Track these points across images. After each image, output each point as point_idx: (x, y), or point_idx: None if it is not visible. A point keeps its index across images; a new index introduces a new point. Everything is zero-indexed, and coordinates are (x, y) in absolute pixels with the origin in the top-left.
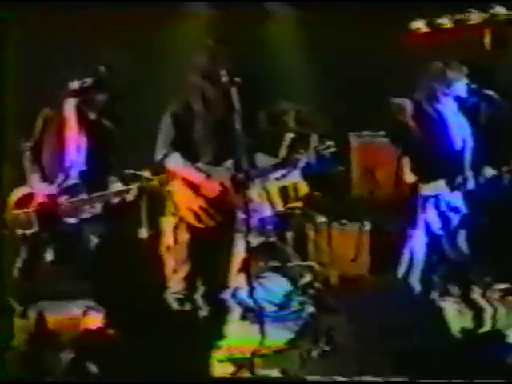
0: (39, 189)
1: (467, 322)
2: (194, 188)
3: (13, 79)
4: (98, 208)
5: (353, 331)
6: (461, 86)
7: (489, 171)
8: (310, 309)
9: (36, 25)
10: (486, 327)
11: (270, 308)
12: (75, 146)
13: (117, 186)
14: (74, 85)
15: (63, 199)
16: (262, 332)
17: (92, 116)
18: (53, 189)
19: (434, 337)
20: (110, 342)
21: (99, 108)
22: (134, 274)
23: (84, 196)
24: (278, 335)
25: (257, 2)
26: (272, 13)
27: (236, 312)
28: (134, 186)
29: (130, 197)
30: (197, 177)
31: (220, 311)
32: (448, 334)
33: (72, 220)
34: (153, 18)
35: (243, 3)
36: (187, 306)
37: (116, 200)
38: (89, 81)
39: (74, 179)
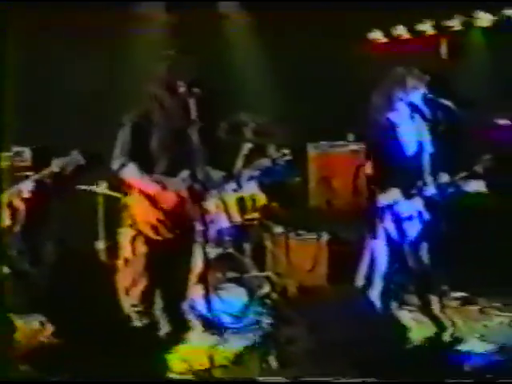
0: None
1: (424, 331)
2: (151, 200)
3: None
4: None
5: (311, 341)
6: (418, 95)
7: (444, 178)
8: (268, 319)
9: None
10: (443, 336)
11: (227, 319)
12: None
13: None
14: None
15: None
16: (221, 343)
17: None
18: None
19: (392, 346)
20: (63, 355)
21: None
22: (90, 286)
23: None
24: (236, 346)
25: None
26: (231, 22)
27: (194, 324)
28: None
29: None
30: (153, 188)
31: (178, 323)
32: (405, 343)
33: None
34: (112, 27)
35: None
36: (146, 319)
37: None
38: None
39: None
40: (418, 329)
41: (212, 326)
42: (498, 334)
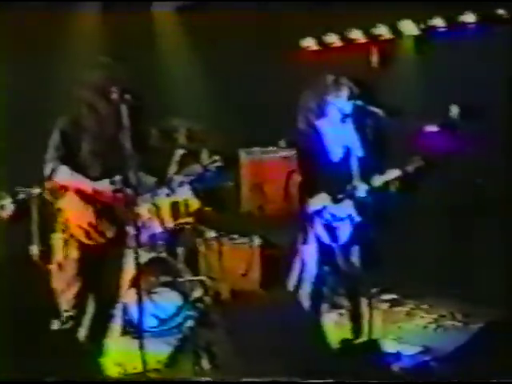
0: None
1: (346, 333)
2: (83, 204)
3: None
4: None
5: (238, 345)
6: (348, 101)
7: (377, 180)
8: (197, 323)
9: None
10: (361, 339)
11: (156, 323)
12: None
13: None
14: None
15: None
16: (142, 347)
17: None
18: None
19: (319, 349)
20: None
21: None
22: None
23: None
24: (158, 350)
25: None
26: (164, 26)
27: (119, 328)
28: (7, 203)
29: (4, 214)
30: (85, 192)
31: (108, 328)
32: (331, 345)
33: None
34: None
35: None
36: (78, 324)
37: None
38: None
39: None
40: (341, 331)
41: (136, 330)
42: (421, 336)
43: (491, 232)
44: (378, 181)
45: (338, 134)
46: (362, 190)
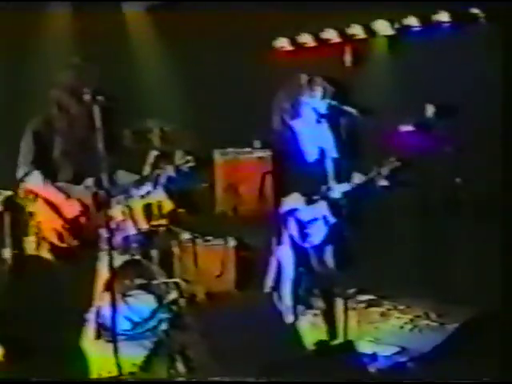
0: None
1: (320, 334)
2: (56, 207)
3: None
4: None
5: (213, 347)
6: (323, 101)
7: (358, 178)
8: (166, 326)
9: None
10: (336, 340)
11: (130, 326)
12: None
13: None
14: None
15: None
16: (115, 350)
17: None
18: None
19: (294, 350)
20: None
21: None
22: None
23: None
24: (132, 353)
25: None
26: (136, 26)
27: (89, 332)
28: None
29: None
30: (57, 196)
31: (80, 331)
32: (306, 346)
33: None
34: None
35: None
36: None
37: None
38: None
39: None
40: (316, 332)
41: (110, 333)
42: (397, 337)
43: (466, 232)
44: (360, 178)
45: (313, 134)
46: (336, 190)
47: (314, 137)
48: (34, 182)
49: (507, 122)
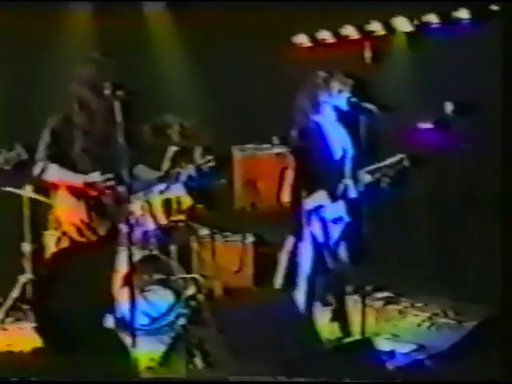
0: None
1: (338, 331)
2: (75, 200)
3: None
4: None
5: (230, 343)
6: (342, 98)
7: (366, 178)
8: (184, 321)
9: None
10: (353, 336)
11: (148, 322)
12: None
13: None
14: None
15: None
16: (134, 345)
17: None
18: None
19: (314, 346)
20: None
21: None
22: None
23: None
24: (150, 348)
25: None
26: (156, 24)
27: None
28: None
29: None
30: (76, 187)
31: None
32: (324, 343)
33: None
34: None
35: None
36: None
37: None
38: None
39: None
40: (333, 330)
41: (128, 328)
42: (415, 334)
43: (484, 230)
44: (368, 178)
45: (333, 130)
46: (353, 188)
47: (334, 134)
48: (52, 174)
49: None
